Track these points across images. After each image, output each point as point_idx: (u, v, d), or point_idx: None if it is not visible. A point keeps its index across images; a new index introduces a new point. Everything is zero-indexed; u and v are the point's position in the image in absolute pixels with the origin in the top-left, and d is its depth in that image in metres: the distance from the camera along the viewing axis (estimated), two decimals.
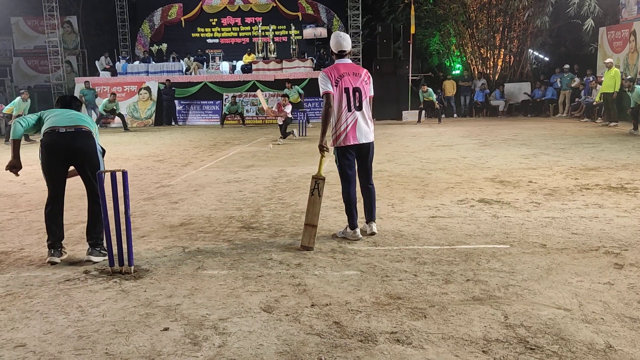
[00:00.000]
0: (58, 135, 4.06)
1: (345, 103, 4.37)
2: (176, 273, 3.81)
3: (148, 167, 8.97)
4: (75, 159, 4.14)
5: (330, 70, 4.43)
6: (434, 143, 11.15)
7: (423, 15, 19.74)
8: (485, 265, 3.79)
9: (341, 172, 4.54)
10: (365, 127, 4.45)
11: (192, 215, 5.56)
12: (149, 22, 21.91)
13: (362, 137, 4.43)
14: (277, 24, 20.95)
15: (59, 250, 4.16)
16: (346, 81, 4.37)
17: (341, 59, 4.48)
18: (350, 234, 4.53)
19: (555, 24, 18.03)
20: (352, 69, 4.45)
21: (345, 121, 4.38)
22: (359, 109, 4.41)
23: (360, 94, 4.40)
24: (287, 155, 9.98)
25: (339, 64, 4.47)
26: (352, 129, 4.39)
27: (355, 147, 4.45)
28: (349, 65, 4.46)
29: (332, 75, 4.36)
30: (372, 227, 4.59)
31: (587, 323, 2.85)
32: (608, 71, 13.49)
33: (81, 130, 4.13)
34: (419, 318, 2.97)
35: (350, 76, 4.40)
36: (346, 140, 4.40)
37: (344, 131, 4.39)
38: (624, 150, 9.25)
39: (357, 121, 4.40)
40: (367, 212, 4.64)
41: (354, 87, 4.38)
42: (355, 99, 4.39)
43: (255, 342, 2.75)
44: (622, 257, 3.89)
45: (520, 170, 7.58)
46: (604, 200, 5.65)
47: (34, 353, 2.70)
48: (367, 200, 4.63)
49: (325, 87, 4.35)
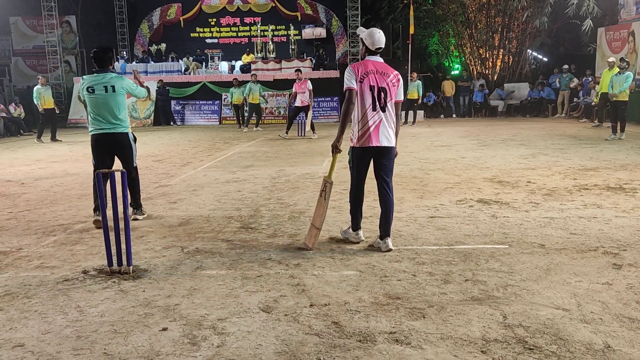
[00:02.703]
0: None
1: (370, 102, 4.12)
2: (175, 273, 3.81)
3: (147, 167, 8.96)
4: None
5: (358, 65, 4.19)
6: (433, 143, 11.15)
7: (422, 15, 19.75)
8: (484, 265, 3.79)
9: (353, 174, 4.30)
10: (389, 130, 4.18)
11: (191, 215, 5.56)
12: (147, 22, 21.88)
13: (385, 139, 4.16)
14: (276, 24, 20.96)
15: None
16: (372, 79, 4.13)
17: (372, 56, 4.24)
18: (353, 236, 4.42)
19: (554, 25, 18.05)
20: (381, 68, 4.19)
21: (368, 121, 4.12)
22: (384, 110, 4.15)
23: (385, 94, 4.14)
24: (286, 155, 9.98)
25: (368, 60, 4.21)
26: (375, 129, 4.13)
27: (374, 149, 4.17)
28: (379, 64, 4.20)
29: (358, 71, 4.13)
30: (388, 243, 4.19)
31: (586, 323, 2.85)
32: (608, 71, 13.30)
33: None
34: (418, 318, 2.97)
35: (378, 74, 4.15)
36: (368, 141, 4.14)
37: (367, 132, 4.13)
38: (622, 150, 9.26)
39: (381, 122, 4.14)
40: (383, 225, 4.24)
41: (380, 86, 4.13)
42: (380, 99, 4.14)
43: (254, 342, 2.74)
44: (621, 257, 3.89)
45: (519, 170, 7.59)
46: (602, 200, 5.66)
47: (32, 353, 2.70)
48: (385, 211, 4.24)
49: (349, 82, 4.12)
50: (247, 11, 21.39)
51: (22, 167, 9.44)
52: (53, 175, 8.36)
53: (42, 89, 13.80)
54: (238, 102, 16.63)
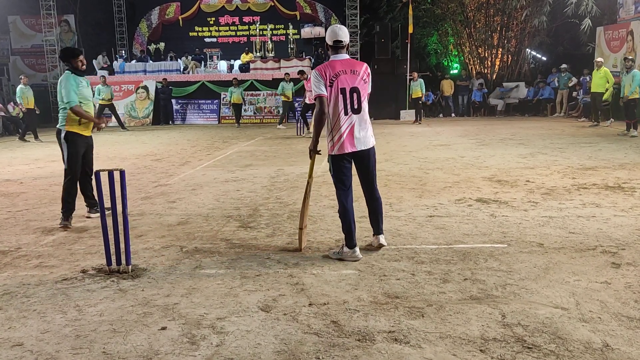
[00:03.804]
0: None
1: (342, 106, 3.88)
2: (174, 272, 3.80)
3: (146, 167, 8.96)
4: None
5: (324, 68, 3.91)
6: (432, 142, 11.16)
7: (421, 14, 19.76)
8: (483, 264, 3.80)
9: (336, 184, 4.05)
10: (363, 132, 3.96)
11: (189, 214, 5.56)
12: (146, 21, 21.87)
13: (360, 144, 3.94)
14: (275, 23, 20.97)
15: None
16: (342, 81, 3.87)
17: (337, 54, 3.96)
18: (349, 255, 3.97)
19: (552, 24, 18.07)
20: (349, 66, 3.93)
21: (341, 126, 3.90)
22: (357, 112, 3.92)
23: (358, 94, 3.91)
24: (285, 155, 9.98)
25: (334, 60, 3.94)
26: (348, 135, 3.91)
27: (351, 155, 3.97)
28: (345, 62, 3.93)
29: (326, 75, 3.87)
30: (380, 239, 4.15)
31: (584, 322, 2.86)
32: (597, 71, 13.45)
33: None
34: (417, 317, 2.97)
35: (348, 74, 3.89)
36: (342, 148, 3.92)
37: (340, 138, 3.91)
38: (621, 149, 9.27)
39: (354, 126, 3.91)
40: (374, 224, 4.20)
41: (352, 87, 3.89)
42: (353, 101, 3.90)
43: (253, 341, 2.75)
44: (619, 256, 3.89)
45: (517, 169, 7.59)
46: (601, 199, 5.66)
47: (31, 352, 2.70)
48: (373, 212, 4.16)
49: (317, 89, 3.87)
50: (245, 10, 21.41)
51: (20, 166, 9.43)
52: (52, 175, 8.34)
53: (25, 89, 14.00)
54: (237, 102, 16.66)
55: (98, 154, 10.80)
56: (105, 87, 15.83)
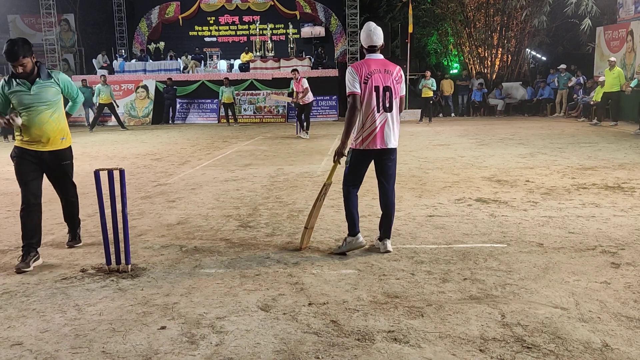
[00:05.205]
0: None
1: (375, 103, 3.96)
2: (173, 272, 3.80)
3: (145, 166, 8.95)
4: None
5: (359, 65, 4.02)
6: (432, 142, 11.15)
7: (421, 14, 19.76)
8: (483, 264, 3.80)
9: (348, 177, 4.11)
10: (393, 131, 4.04)
11: (189, 214, 5.55)
12: (146, 21, 21.85)
13: (389, 141, 4.03)
14: (274, 23, 20.95)
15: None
16: (376, 79, 3.96)
17: (372, 54, 4.08)
18: (353, 242, 4.08)
19: (552, 24, 18.06)
20: (383, 66, 4.03)
21: (373, 123, 3.96)
22: (389, 110, 4.01)
23: (390, 93, 4.00)
24: (285, 154, 9.98)
25: (370, 59, 4.05)
26: (380, 131, 3.98)
27: (377, 152, 4.02)
28: (380, 61, 4.04)
29: (361, 72, 3.96)
30: (387, 244, 4.12)
31: (584, 322, 2.86)
32: (610, 70, 13.42)
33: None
34: (416, 317, 2.97)
35: (381, 73, 3.99)
36: (372, 143, 3.98)
37: (371, 133, 3.97)
38: (620, 149, 9.27)
39: (386, 123, 4.00)
40: (384, 227, 4.17)
41: (385, 85, 3.98)
42: (385, 99, 3.99)
43: (252, 340, 2.75)
44: (619, 256, 3.90)
45: (517, 169, 7.60)
46: (600, 199, 5.66)
47: (30, 352, 2.69)
48: (386, 214, 4.15)
49: (352, 86, 3.95)
50: (245, 10, 21.39)
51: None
52: None
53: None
54: (228, 101, 16.68)
55: (98, 153, 10.83)
56: (105, 87, 15.82)
